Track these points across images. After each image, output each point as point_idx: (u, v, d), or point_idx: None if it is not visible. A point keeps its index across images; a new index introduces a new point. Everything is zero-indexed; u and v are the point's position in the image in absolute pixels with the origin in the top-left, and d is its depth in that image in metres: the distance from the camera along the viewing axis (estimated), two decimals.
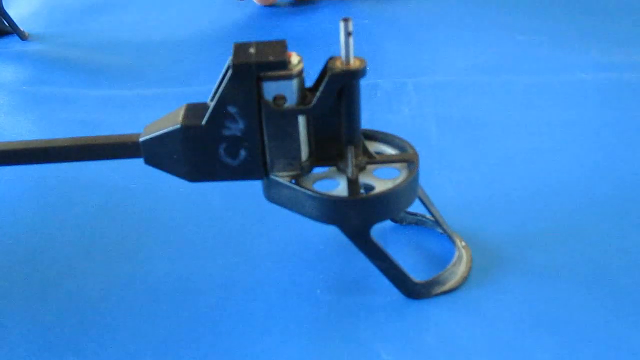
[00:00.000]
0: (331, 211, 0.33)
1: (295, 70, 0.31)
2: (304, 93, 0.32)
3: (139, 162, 0.35)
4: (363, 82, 0.32)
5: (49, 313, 0.36)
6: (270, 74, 0.31)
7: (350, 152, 0.33)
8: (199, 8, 0.66)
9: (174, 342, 0.34)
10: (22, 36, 0.64)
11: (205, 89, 0.32)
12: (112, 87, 0.57)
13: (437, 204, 0.38)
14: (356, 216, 0.33)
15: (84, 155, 0.35)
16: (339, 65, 0.31)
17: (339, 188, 0.34)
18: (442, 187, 0.42)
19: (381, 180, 0.34)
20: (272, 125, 0.32)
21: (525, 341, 0.33)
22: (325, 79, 0.31)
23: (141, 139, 0.34)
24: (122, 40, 0.64)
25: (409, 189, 0.34)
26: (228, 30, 0.66)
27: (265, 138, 0.33)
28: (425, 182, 0.37)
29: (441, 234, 0.39)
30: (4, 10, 0.62)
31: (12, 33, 0.64)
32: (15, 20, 0.64)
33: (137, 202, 0.43)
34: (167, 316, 0.35)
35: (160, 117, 0.34)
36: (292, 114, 0.32)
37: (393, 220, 0.40)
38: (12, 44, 0.64)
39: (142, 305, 0.36)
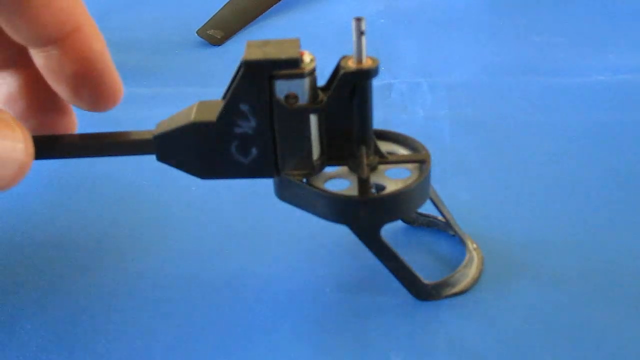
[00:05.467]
0: (341, 210, 0.33)
1: (308, 68, 0.31)
2: (316, 92, 0.32)
3: (151, 158, 0.35)
4: (378, 83, 0.32)
5: (59, 308, 0.36)
6: (282, 72, 0.31)
7: (362, 152, 0.33)
8: (218, 6, 0.66)
9: (183, 340, 0.34)
10: None
11: (222, 89, 0.32)
12: (128, 85, 0.57)
13: (449, 206, 0.38)
14: (366, 216, 0.33)
15: (97, 151, 0.35)
16: (351, 64, 0.31)
17: (350, 187, 0.34)
18: (455, 189, 0.42)
19: (392, 180, 0.34)
20: (283, 123, 0.32)
21: (535, 347, 0.33)
22: (337, 78, 0.31)
23: (153, 135, 0.34)
24: (140, 38, 0.64)
25: (420, 190, 0.33)
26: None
27: (277, 136, 0.33)
28: (438, 184, 0.37)
29: (452, 236, 0.38)
30: None
31: None
32: None
33: (148, 199, 0.43)
34: (176, 314, 0.35)
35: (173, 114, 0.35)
36: (304, 113, 0.32)
37: (404, 221, 0.40)
38: None
39: (151, 302, 0.36)
